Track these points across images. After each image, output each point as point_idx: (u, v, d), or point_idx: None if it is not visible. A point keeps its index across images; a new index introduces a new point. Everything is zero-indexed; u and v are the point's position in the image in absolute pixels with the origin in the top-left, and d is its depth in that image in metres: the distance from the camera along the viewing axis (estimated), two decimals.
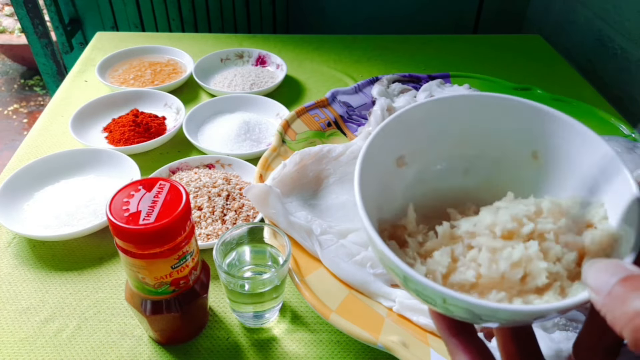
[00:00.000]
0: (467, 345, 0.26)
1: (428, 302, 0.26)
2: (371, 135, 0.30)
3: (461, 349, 0.26)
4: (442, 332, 0.28)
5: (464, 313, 0.24)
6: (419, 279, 0.24)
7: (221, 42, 1.03)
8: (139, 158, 0.67)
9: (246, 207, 0.59)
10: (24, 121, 2.11)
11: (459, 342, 0.27)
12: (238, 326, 0.49)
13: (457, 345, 0.27)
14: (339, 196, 0.56)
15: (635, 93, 0.93)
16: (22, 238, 0.57)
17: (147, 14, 1.39)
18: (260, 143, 0.72)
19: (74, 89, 0.86)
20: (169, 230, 0.36)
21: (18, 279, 0.52)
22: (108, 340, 0.47)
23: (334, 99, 0.71)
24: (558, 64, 1.00)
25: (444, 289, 0.24)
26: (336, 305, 0.43)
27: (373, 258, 0.49)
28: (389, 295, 0.46)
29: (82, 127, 0.73)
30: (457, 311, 0.24)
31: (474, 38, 1.15)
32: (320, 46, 1.03)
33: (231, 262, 0.48)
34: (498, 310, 0.23)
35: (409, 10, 1.39)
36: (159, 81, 0.87)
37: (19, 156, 0.70)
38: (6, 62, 2.47)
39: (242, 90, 0.84)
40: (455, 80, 0.78)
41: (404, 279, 0.25)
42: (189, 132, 0.71)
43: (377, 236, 0.26)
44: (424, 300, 0.26)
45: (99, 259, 0.55)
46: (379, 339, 0.40)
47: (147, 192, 0.38)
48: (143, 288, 0.40)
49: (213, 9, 1.37)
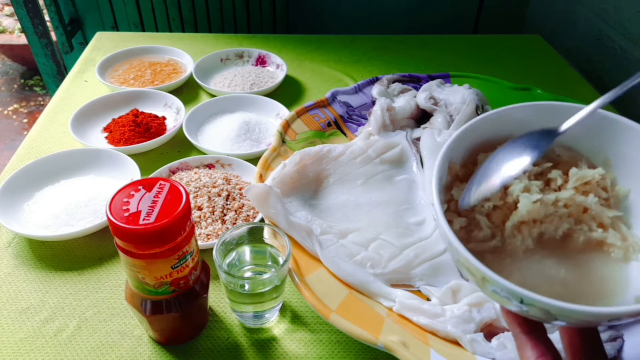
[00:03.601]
0: (536, 343, 0.28)
1: (505, 301, 0.27)
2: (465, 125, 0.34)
3: (530, 345, 0.28)
4: (513, 327, 0.29)
5: (539, 312, 0.26)
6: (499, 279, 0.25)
7: (221, 42, 1.03)
8: (139, 158, 0.67)
9: (246, 207, 0.59)
10: (24, 121, 2.11)
11: (529, 339, 0.28)
12: (238, 326, 0.49)
13: (527, 342, 0.28)
14: (339, 196, 0.56)
15: (635, 93, 0.93)
16: (22, 238, 0.57)
17: (147, 14, 1.39)
18: (260, 143, 0.72)
19: (74, 89, 0.86)
20: (169, 230, 0.36)
21: (18, 279, 0.52)
22: (108, 340, 0.47)
23: (334, 99, 0.71)
24: (558, 64, 1.00)
25: (523, 290, 0.25)
26: (336, 305, 0.43)
27: (373, 258, 0.49)
28: (389, 295, 0.46)
29: (82, 127, 0.73)
30: (532, 311, 0.26)
31: (474, 38, 1.15)
32: (320, 46, 1.03)
33: (231, 262, 0.48)
34: (575, 311, 0.24)
35: (409, 10, 1.39)
36: (159, 81, 0.87)
37: (19, 156, 0.70)
38: (6, 62, 2.47)
39: (242, 90, 0.84)
40: (455, 80, 0.78)
41: (483, 280, 0.27)
42: (189, 132, 0.71)
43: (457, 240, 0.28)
44: (501, 300, 0.27)
45: (99, 259, 0.55)
46: (379, 339, 0.40)
47: (147, 192, 0.38)
48: (143, 288, 0.40)
49: (213, 9, 1.37)
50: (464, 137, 0.35)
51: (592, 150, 0.36)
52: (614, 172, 0.35)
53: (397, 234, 0.51)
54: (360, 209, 0.54)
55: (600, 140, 0.35)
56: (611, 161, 0.35)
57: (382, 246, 0.50)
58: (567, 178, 0.35)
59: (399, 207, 0.55)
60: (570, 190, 0.34)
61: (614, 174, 0.35)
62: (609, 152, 0.35)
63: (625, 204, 0.34)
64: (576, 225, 0.34)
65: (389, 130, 0.64)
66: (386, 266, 0.49)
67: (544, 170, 0.36)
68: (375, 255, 0.49)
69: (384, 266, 0.49)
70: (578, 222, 0.34)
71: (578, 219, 0.34)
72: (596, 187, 0.34)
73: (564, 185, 0.34)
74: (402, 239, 0.51)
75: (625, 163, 0.34)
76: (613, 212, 0.33)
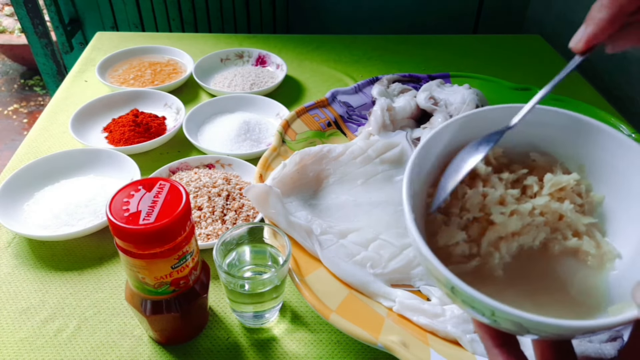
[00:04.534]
0: (509, 357, 0.27)
1: (476, 313, 0.26)
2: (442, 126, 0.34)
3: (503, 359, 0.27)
4: (486, 342, 0.28)
5: (511, 325, 0.25)
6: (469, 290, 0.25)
7: (221, 42, 1.03)
8: (139, 158, 0.67)
9: (246, 207, 0.59)
10: (24, 121, 2.11)
11: (502, 353, 0.28)
12: (238, 326, 0.49)
13: (499, 356, 0.28)
14: (339, 196, 0.56)
15: (635, 93, 0.93)
16: (22, 238, 0.57)
17: (147, 14, 1.39)
18: (260, 143, 0.72)
19: (74, 89, 0.86)
20: (169, 230, 0.36)
21: (18, 279, 0.52)
22: (108, 340, 0.47)
23: (334, 99, 0.71)
24: (558, 64, 1.00)
25: (494, 302, 0.24)
26: (336, 305, 0.43)
27: (373, 258, 0.49)
28: (389, 295, 0.46)
29: (82, 127, 0.73)
30: (504, 323, 0.25)
31: (474, 38, 1.15)
32: (320, 46, 1.03)
33: (231, 262, 0.48)
34: (547, 324, 0.23)
35: (409, 10, 1.39)
36: (159, 81, 0.87)
37: (19, 156, 0.70)
38: (6, 62, 2.47)
39: (242, 90, 0.84)
40: (455, 80, 0.78)
41: (452, 289, 0.26)
42: (189, 132, 0.71)
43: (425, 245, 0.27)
44: (472, 311, 0.26)
45: (99, 259, 0.55)
46: (379, 339, 0.40)
47: (147, 192, 0.38)
48: (143, 288, 0.40)
49: (213, 9, 1.37)
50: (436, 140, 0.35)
51: (567, 154, 0.35)
52: (589, 177, 0.35)
53: (397, 234, 0.51)
54: (360, 209, 0.54)
55: (575, 145, 0.35)
56: (585, 167, 0.35)
57: (382, 246, 0.50)
58: (542, 184, 0.34)
59: (399, 207, 0.55)
60: (546, 196, 0.34)
61: (589, 180, 0.35)
62: (583, 156, 0.35)
63: (600, 210, 0.34)
64: (552, 234, 0.33)
65: (389, 130, 0.64)
66: (386, 266, 0.49)
67: (519, 177, 0.35)
68: (375, 255, 0.49)
69: (384, 266, 0.49)
70: (553, 230, 0.33)
71: (554, 227, 0.33)
72: (571, 193, 0.34)
73: (539, 191, 0.34)
74: (402, 239, 0.51)
75: (600, 168, 0.34)
76: (588, 219, 0.33)
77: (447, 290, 0.27)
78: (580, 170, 0.35)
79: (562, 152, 0.36)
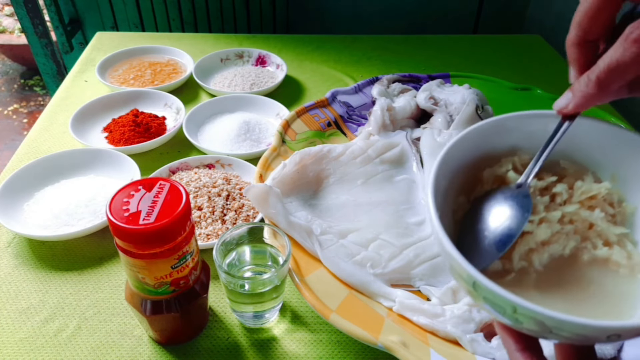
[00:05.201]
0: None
1: (497, 313, 0.25)
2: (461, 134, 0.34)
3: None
4: (508, 345, 0.28)
5: (533, 325, 0.24)
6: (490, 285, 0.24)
7: (221, 42, 1.03)
8: (139, 158, 0.67)
9: (246, 207, 0.59)
10: (24, 121, 2.11)
11: (524, 357, 0.27)
12: (238, 326, 0.49)
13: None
14: (339, 196, 0.56)
15: None
16: (22, 238, 0.57)
17: (147, 14, 1.39)
18: (260, 143, 0.72)
19: (74, 89, 0.86)
20: (169, 230, 0.36)
21: (18, 279, 0.52)
22: (108, 340, 0.47)
23: (334, 99, 0.71)
24: (558, 64, 1.00)
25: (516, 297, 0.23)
26: (336, 305, 0.43)
27: (373, 258, 0.49)
28: (389, 295, 0.46)
29: (82, 127, 0.73)
30: (526, 322, 0.24)
31: (474, 38, 1.15)
32: (320, 46, 1.03)
33: (231, 262, 0.48)
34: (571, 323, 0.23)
35: (409, 10, 1.39)
36: (159, 81, 0.87)
37: (19, 156, 0.70)
38: (6, 62, 2.47)
39: (242, 90, 0.84)
40: (455, 80, 0.78)
41: (474, 285, 0.25)
42: (189, 132, 0.71)
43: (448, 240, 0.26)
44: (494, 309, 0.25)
45: (99, 259, 0.55)
46: (379, 339, 0.40)
47: (147, 192, 0.38)
48: (143, 288, 0.40)
49: (213, 9, 1.37)
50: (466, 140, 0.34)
51: (599, 164, 0.34)
52: (622, 187, 0.34)
53: (397, 234, 0.51)
54: (360, 209, 0.54)
55: (608, 155, 0.34)
56: (618, 176, 0.34)
57: (382, 246, 0.50)
58: (572, 192, 0.34)
59: (399, 207, 0.55)
60: (575, 204, 0.33)
61: (622, 190, 0.34)
62: (616, 166, 0.34)
63: (632, 220, 0.33)
64: (582, 242, 0.32)
65: (389, 130, 0.64)
66: (386, 266, 0.49)
67: (548, 184, 0.34)
68: (375, 255, 0.49)
69: (384, 266, 0.49)
70: (583, 239, 0.33)
71: (584, 236, 0.33)
72: (602, 202, 0.33)
73: (569, 199, 0.33)
74: (402, 239, 0.51)
75: (634, 179, 0.33)
76: (619, 229, 0.32)
77: (469, 288, 0.27)
78: (613, 180, 0.34)
79: (594, 161, 0.35)
